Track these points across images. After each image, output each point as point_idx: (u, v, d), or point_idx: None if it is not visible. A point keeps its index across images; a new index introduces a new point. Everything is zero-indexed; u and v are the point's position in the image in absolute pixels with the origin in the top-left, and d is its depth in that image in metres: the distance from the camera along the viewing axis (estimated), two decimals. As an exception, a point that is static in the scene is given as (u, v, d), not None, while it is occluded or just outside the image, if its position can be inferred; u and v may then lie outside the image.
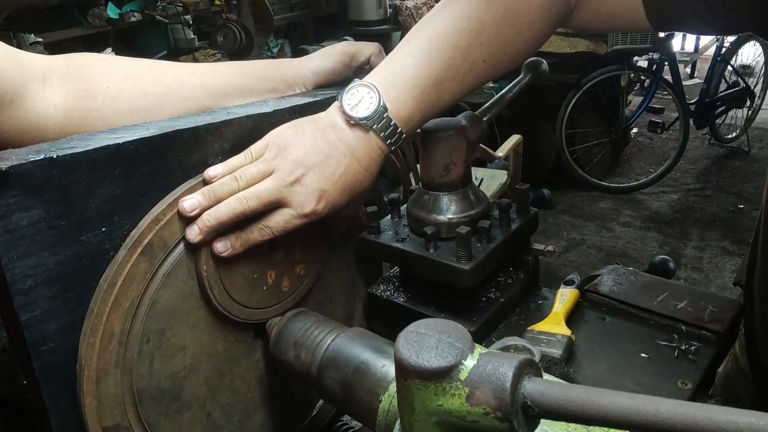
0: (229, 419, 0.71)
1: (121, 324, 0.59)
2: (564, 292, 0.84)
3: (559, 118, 4.24)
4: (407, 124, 0.69)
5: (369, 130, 0.67)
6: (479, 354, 0.36)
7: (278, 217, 0.64)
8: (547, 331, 0.76)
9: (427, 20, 0.72)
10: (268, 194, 0.63)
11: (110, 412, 0.59)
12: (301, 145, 0.65)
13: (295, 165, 0.64)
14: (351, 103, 0.66)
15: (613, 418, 0.29)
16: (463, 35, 0.69)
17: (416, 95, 0.68)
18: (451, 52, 0.68)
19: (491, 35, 0.70)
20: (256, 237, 0.65)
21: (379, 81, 0.68)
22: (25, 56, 0.69)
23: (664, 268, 1.02)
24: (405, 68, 0.68)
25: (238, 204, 0.62)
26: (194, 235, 0.62)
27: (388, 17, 4.86)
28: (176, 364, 0.64)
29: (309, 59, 0.85)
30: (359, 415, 0.59)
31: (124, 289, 0.58)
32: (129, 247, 0.59)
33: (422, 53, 0.69)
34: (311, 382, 0.64)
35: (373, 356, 0.60)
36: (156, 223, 0.61)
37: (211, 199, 0.62)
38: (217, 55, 3.69)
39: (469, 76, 0.71)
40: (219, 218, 0.62)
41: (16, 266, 0.52)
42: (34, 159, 0.52)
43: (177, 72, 0.78)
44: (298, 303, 0.75)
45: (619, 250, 3.68)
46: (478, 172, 2.98)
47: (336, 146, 0.66)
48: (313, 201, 0.64)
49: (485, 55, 0.70)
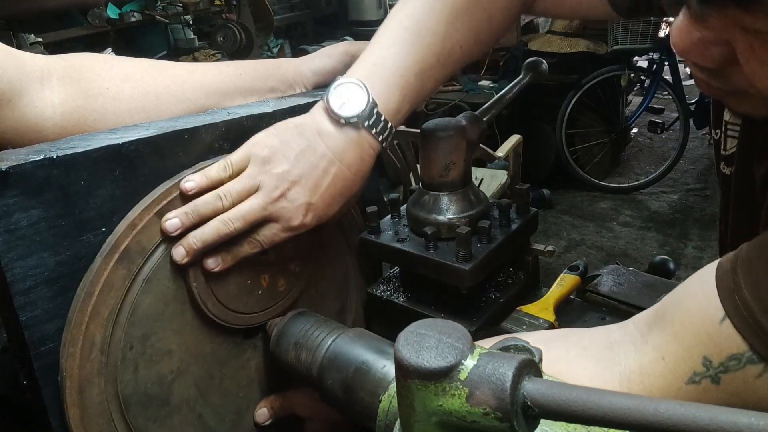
0: (221, 420, 0.71)
1: (102, 332, 0.58)
2: (564, 277, 0.85)
3: (559, 118, 4.23)
4: (395, 116, 0.68)
5: (360, 128, 0.65)
6: (479, 354, 0.36)
7: (266, 231, 0.64)
8: (532, 314, 0.78)
9: (399, 10, 0.72)
10: (254, 214, 0.62)
11: (96, 421, 0.58)
12: (286, 157, 0.63)
13: (281, 179, 0.63)
14: (338, 103, 0.64)
15: (614, 418, 0.29)
16: (440, 23, 0.68)
17: (402, 86, 0.67)
18: (429, 38, 0.68)
19: (465, 20, 0.70)
20: (246, 250, 0.64)
21: (364, 75, 0.66)
22: (24, 56, 0.69)
23: (664, 268, 1.03)
24: (387, 60, 0.67)
25: (223, 226, 0.61)
26: (180, 257, 0.61)
27: (388, 17, 4.86)
28: (163, 369, 0.64)
29: (310, 59, 0.85)
30: (360, 416, 0.59)
31: (103, 298, 0.57)
32: (105, 255, 0.58)
33: (402, 43, 0.68)
34: (312, 382, 0.64)
35: (374, 357, 0.60)
36: (132, 228, 0.59)
37: (194, 219, 0.61)
38: (217, 55, 3.69)
39: (448, 62, 0.70)
40: (205, 241, 0.61)
41: (16, 266, 0.52)
42: (34, 159, 0.52)
43: (176, 72, 0.78)
44: (296, 300, 0.75)
45: (619, 250, 3.68)
46: (478, 172, 2.98)
47: (323, 155, 0.64)
48: (300, 215, 0.64)
49: (461, 41, 0.70)
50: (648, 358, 0.55)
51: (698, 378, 0.51)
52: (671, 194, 4.49)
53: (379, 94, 0.65)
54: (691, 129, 4.49)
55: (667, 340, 0.54)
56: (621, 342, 0.58)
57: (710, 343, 0.50)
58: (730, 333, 0.49)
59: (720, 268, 0.51)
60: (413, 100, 0.69)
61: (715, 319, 0.50)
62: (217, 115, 0.69)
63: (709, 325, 0.50)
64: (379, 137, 0.67)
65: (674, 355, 0.53)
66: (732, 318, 0.49)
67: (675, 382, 0.52)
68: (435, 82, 0.71)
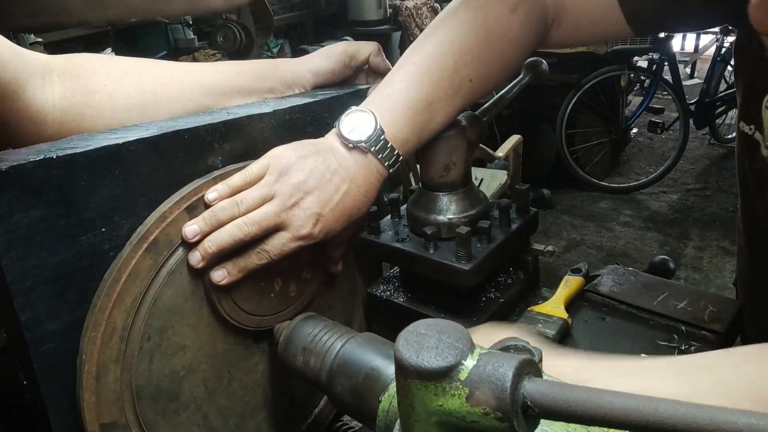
0: (225, 422, 0.71)
1: (123, 320, 0.59)
2: (569, 279, 0.87)
3: (559, 118, 4.24)
4: (404, 146, 0.71)
5: (367, 152, 0.68)
6: (479, 354, 0.36)
7: (275, 240, 0.65)
8: (545, 312, 0.80)
9: (413, 49, 0.75)
10: (268, 220, 0.64)
11: (108, 409, 0.59)
12: (302, 169, 0.66)
13: (295, 189, 0.65)
14: (348, 128, 0.68)
15: (614, 418, 0.29)
16: (448, 57, 0.71)
17: (410, 117, 0.70)
18: (438, 74, 0.71)
19: (475, 55, 0.73)
20: (254, 261, 0.65)
21: (374, 106, 0.70)
22: (28, 52, 0.70)
23: (664, 268, 1.03)
24: (396, 92, 0.71)
25: (238, 231, 0.63)
26: (197, 261, 0.63)
27: (388, 17, 4.86)
28: (176, 364, 0.64)
29: (308, 59, 0.85)
30: (372, 422, 0.58)
31: (128, 285, 0.59)
32: (134, 244, 0.59)
33: (411, 77, 0.71)
34: (322, 388, 0.64)
35: (384, 362, 0.59)
36: (162, 220, 0.61)
37: (212, 224, 0.63)
38: (217, 55, 3.69)
39: (457, 95, 0.73)
40: (220, 245, 0.63)
41: (15, 266, 0.52)
42: (33, 159, 0.52)
43: (174, 71, 0.78)
44: (306, 306, 0.75)
45: (619, 250, 3.68)
46: (478, 172, 2.98)
47: (336, 171, 0.67)
48: (310, 224, 0.65)
49: (471, 75, 0.73)
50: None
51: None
52: (671, 194, 4.49)
53: (386, 123, 0.69)
54: (691, 129, 4.49)
55: None
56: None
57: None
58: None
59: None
60: (422, 132, 0.72)
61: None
62: (216, 115, 0.69)
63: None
64: (386, 162, 0.70)
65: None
66: None
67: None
68: (445, 115, 0.74)
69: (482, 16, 0.73)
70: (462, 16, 0.74)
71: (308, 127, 0.77)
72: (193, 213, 0.64)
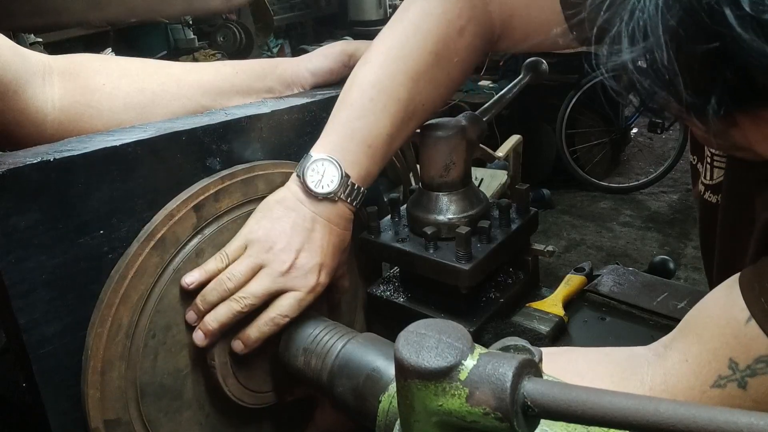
0: (227, 423, 0.71)
1: (129, 317, 0.59)
2: (571, 278, 0.88)
3: (559, 118, 4.23)
4: (366, 179, 0.72)
5: (336, 200, 0.69)
6: (479, 354, 0.36)
7: (287, 301, 0.66)
8: (542, 309, 0.81)
9: (363, 75, 0.74)
10: (265, 289, 0.64)
11: (112, 406, 0.59)
12: (283, 232, 0.66)
13: (285, 253, 0.65)
14: (314, 180, 0.68)
15: (614, 418, 0.29)
16: (401, 88, 0.72)
17: (370, 154, 0.71)
18: (395, 106, 0.72)
19: (427, 81, 0.74)
20: (271, 328, 0.65)
21: (333, 149, 0.70)
22: (29, 52, 0.71)
23: (664, 268, 1.03)
24: (356, 132, 0.71)
25: (236, 304, 0.63)
26: (200, 340, 0.63)
27: (388, 17, 4.81)
28: (179, 362, 0.64)
29: (307, 59, 0.84)
30: (373, 423, 0.58)
31: (135, 282, 0.59)
32: (142, 241, 0.60)
33: (369, 114, 0.71)
34: (323, 389, 0.64)
35: (385, 363, 0.59)
36: (169, 218, 0.61)
37: (205, 308, 0.64)
38: (217, 55, 3.69)
39: (412, 121, 0.75)
40: (220, 320, 0.63)
41: (14, 269, 0.52)
42: (31, 162, 0.52)
43: (173, 70, 0.78)
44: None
45: (619, 250, 3.68)
46: (478, 172, 2.98)
47: (314, 218, 0.68)
48: (315, 277, 0.67)
49: (424, 100, 0.74)
50: (671, 361, 0.55)
51: (724, 382, 0.50)
52: (671, 194, 4.48)
53: (349, 166, 0.70)
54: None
55: (690, 342, 0.54)
56: (644, 354, 0.58)
57: (736, 344, 0.50)
58: (756, 334, 0.48)
59: (743, 276, 0.52)
60: (382, 161, 0.74)
61: (740, 320, 0.50)
62: (214, 116, 0.69)
63: (734, 326, 0.50)
64: (353, 203, 0.71)
65: (697, 357, 0.52)
66: (758, 320, 0.48)
67: (699, 385, 0.52)
68: (402, 139, 0.76)
69: (432, 42, 0.73)
70: (413, 41, 0.73)
71: (306, 127, 0.77)
72: (199, 212, 0.64)
